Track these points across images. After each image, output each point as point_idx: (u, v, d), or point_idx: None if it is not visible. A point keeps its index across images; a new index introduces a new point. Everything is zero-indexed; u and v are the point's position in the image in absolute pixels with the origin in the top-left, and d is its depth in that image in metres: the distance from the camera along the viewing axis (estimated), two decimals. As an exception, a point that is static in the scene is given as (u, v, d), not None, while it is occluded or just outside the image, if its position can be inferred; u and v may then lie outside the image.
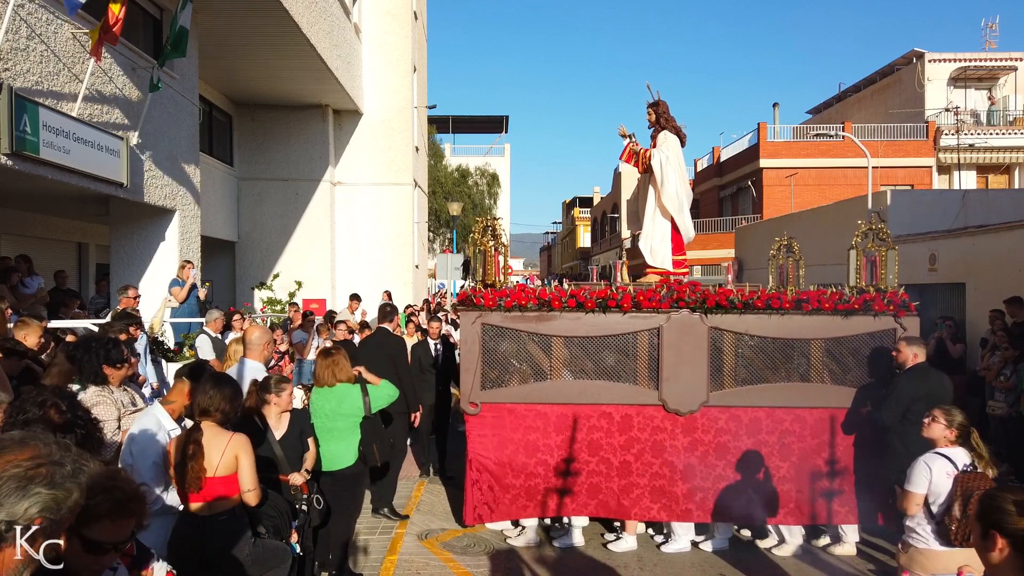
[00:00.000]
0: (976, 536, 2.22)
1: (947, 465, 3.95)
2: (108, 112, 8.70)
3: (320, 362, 5.53)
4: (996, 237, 11.82)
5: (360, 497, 5.71)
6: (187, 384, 4.04)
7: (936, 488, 3.92)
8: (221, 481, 3.75)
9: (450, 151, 48.05)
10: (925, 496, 3.98)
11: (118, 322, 6.48)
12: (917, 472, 4.02)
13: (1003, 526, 2.12)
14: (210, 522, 3.75)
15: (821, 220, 17.63)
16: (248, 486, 3.83)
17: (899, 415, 5.57)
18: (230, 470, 3.78)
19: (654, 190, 7.49)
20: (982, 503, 2.22)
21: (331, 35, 14.58)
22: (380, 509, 6.98)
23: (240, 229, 17.04)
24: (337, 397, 5.35)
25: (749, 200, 30.99)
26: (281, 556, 4.11)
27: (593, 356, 6.37)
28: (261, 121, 17.06)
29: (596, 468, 6.31)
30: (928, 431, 4.18)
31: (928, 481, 3.96)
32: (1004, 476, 8.64)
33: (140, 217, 10.38)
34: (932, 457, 4.04)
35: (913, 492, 4.01)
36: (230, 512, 3.81)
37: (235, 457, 3.79)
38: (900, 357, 5.81)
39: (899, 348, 5.87)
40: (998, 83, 29.58)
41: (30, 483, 1.55)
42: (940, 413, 4.17)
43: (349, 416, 5.30)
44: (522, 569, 6.08)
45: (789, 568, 6.11)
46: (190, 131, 11.13)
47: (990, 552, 2.15)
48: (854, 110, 33.34)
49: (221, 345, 8.27)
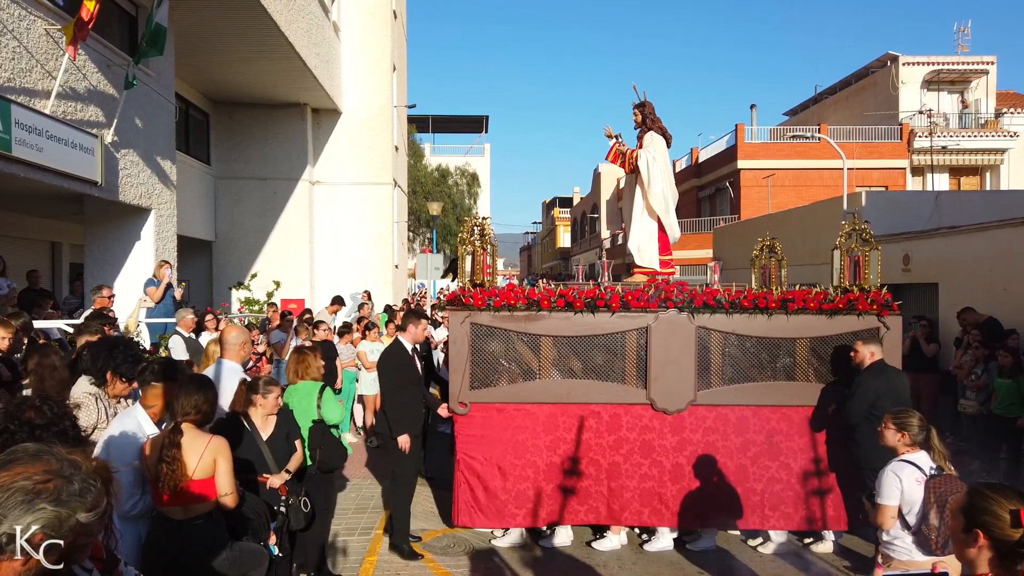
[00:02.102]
0: (957, 526, 2.23)
1: (915, 472, 3.89)
2: (82, 110, 8.57)
3: (290, 359, 5.55)
4: (968, 238, 12.01)
5: (332, 498, 5.68)
6: (160, 387, 3.97)
7: (908, 497, 3.86)
8: (198, 484, 3.70)
9: (430, 151, 47.95)
10: (899, 507, 3.91)
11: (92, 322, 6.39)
12: (887, 483, 3.94)
13: (992, 530, 2.11)
14: (186, 526, 3.71)
15: (797, 221, 17.82)
16: (225, 490, 3.79)
17: (865, 412, 5.68)
18: (207, 473, 3.74)
19: (641, 190, 7.53)
20: (973, 500, 2.19)
21: (310, 33, 14.48)
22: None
23: (217, 228, 16.87)
24: (299, 395, 5.37)
25: (727, 201, 31.23)
26: (258, 559, 4.08)
27: (582, 356, 6.39)
28: (239, 119, 16.91)
29: (585, 470, 6.32)
30: (884, 440, 4.12)
31: (899, 491, 3.89)
32: (975, 473, 8.79)
33: (115, 216, 10.25)
34: (899, 466, 3.97)
35: (886, 505, 3.93)
36: (206, 516, 3.77)
37: (213, 461, 3.75)
38: (857, 357, 5.91)
39: (856, 348, 5.96)
40: (970, 86, 30.06)
41: (36, 497, 1.54)
42: (889, 418, 4.11)
43: (307, 416, 5.28)
44: (502, 569, 6.09)
45: (767, 566, 6.17)
46: (166, 129, 11.00)
47: (969, 547, 2.16)
48: (830, 112, 33.72)
49: (195, 345, 8.19)
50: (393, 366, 6.32)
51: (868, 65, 31.68)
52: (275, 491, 4.61)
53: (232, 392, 4.99)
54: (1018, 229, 10.96)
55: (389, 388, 6.31)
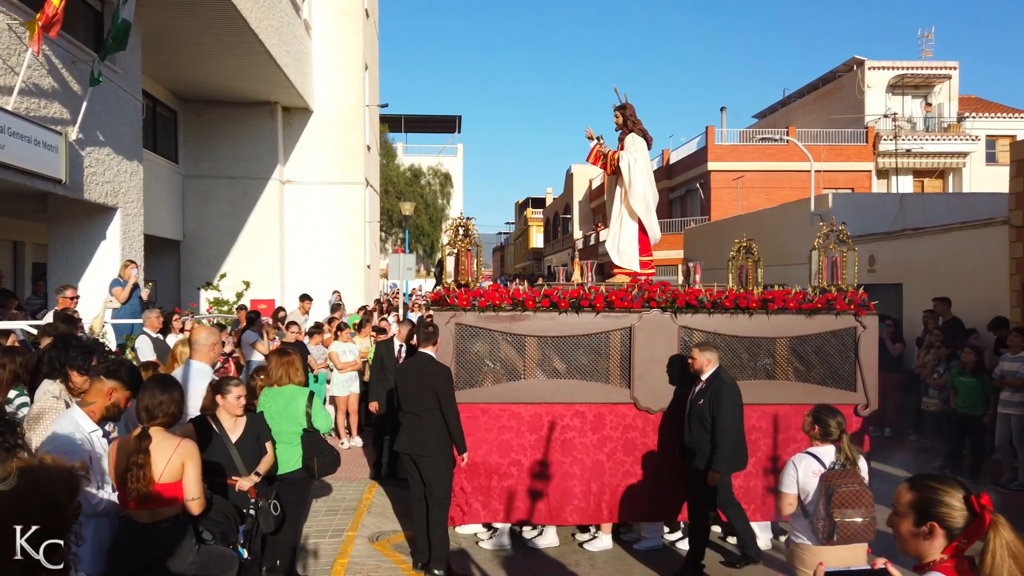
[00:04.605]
0: (908, 522, 2.29)
1: (814, 464, 4.11)
2: (46, 106, 8.40)
3: (274, 359, 5.43)
4: (932, 239, 12.28)
5: (307, 501, 5.63)
6: (106, 383, 3.88)
7: (804, 487, 4.08)
8: (165, 488, 3.66)
9: (402, 150, 47.76)
10: (798, 495, 4.12)
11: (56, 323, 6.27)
12: (786, 473, 4.19)
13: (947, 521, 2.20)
14: (153, 529, 3.66)
15: (767, 222, 18.07)
16: (192, 495, 3.74)
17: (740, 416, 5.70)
18: (175, 477, 3.69)
19: (622, 191, 7.57)
20: (924, 494, 2.26)
21: (280, 31, 14.35)
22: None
23: (186, 228, 16.63)
24: (284, 399, 5.26)
25: (698, 202, 31.56)
26: (227, 562, 4.04)
27: (566, 355, 6.43)
28: (208, 118, 16.68)
29: (570, 470, 6.35)
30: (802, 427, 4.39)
31: (795, 480, 4.12)
32: (939, 470, 8.99)
33: (80, 215, 10.05)
34: (800, 456, 4.21)
35: (784, 492, 4.17)
36: (173, 519, 3.72)
37: (181, 464, 3.70)
38: (696, 364, 5.88)
39: (693, 356, 5.92)
40: (933, 91, 30.71)
41: None
42: (813, 409, 4.32)
43: (293, 421, 5.21)
44: (472, 570, 6.09)
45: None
46: (133, 127, 10.82)
47: (924, 540, 2.23)
48: (798, 115, 34.21)
49: (162, 346, 8.06)
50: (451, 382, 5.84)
51: (835, 69, 32.20)
52: (244, 493, 4.56)
53: (202, 393, 4.93)
54: (979, 231, 11.23)
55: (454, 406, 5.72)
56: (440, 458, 5.73)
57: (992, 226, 10.88)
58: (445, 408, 5.65)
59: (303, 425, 5.21)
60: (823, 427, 4.19)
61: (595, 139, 7.67)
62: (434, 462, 5.71)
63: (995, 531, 2.09)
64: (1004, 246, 10.43)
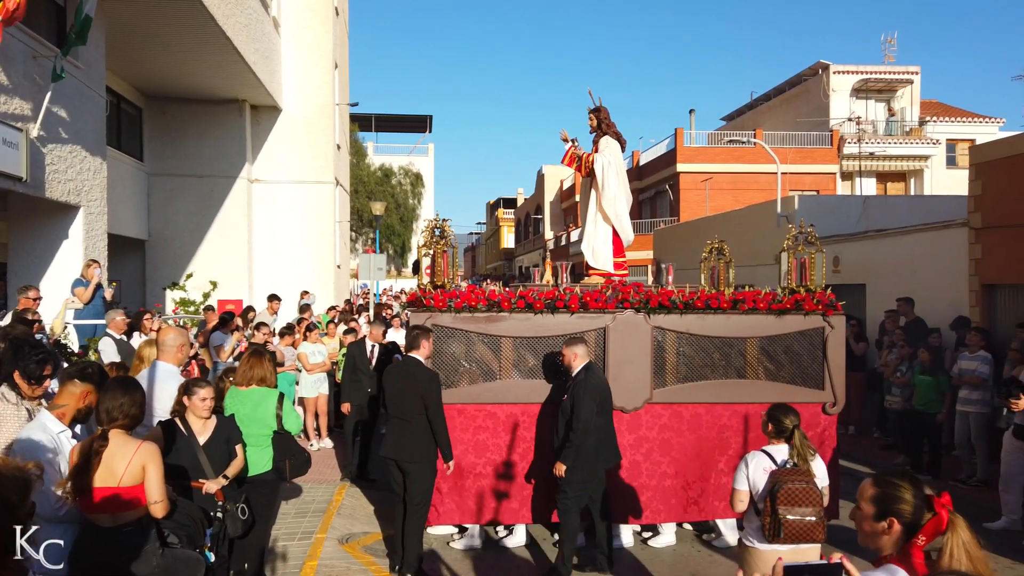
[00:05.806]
0: (868, 517, 2.36)
1: (765, 461, 4.11)
2: (6, 102, 8.20)
3: (243, 360, 5.38)
4: (894, 240, 12.55)
5: (276, 504, 5.58)
6: (78, 386, 3.81)
7: (755, 483, 4.07)
8: (127, 491, 3.59)
9: (373, 150, 47.47)
10: (750, 492, 4.10)
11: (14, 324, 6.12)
12: (738, 468, 4.20)
13: (905, 516, 2.28)
14: (115, 533, 3.60)
15: (734, 223, 18.29)
16: (155, 498, 3.67)
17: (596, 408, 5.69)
18: (136, 480, 3.62)
19: (596, 194, 7.62)
20: (884, 490, 2.34)
21: (248, 28, 14.17)
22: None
23: (151, 227, 16.34)
24: (252, 402, 5.20)
25: (667, 203, 31.85)
26: (193, 566, 3.98)
27: (542, 356, 6.43)
28: (173, 115, 16.40)
29: (546, 468, 6.35)
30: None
31: (746, 477, 4.10)
32: (900, 467, 9.18)
33: (41, 213, 9.83)
34: (753, 454, 4.21)
35: (735, 489, 4.16)
36: (136, 523, 3.66)
37: (142, 467, 3.64)
38: (567, 359, 5.91)
39: (563, 352, 5.96)
40: (896, 95, 31.35)
41: None
42: (769, 408, 4.33)
43: (262, 423, 5.15)
44: (441, 571, 6.08)
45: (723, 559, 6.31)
46: (96, 124, 10.61)
47: (883, 534, 2.31)
48: (765, 118, 34.70)
49: (126, 347, 7.91)
50: (439, 389, 5.81)
51: (801, 73, 32.73)
52: (212, 496, 4.50)
53: (170, 395, 4.86)
54: (940, 232, 11.50)
55: (442, 413, 5.71)
56: (425, 464, 5.73)
57: (952, 228, 11.15)
58: (432, 414, 5.63)
59: (273, 427, 5.16)
60: (777, 425, 4.20)
61: (570, 141, 7.71)
62: (419, 467, 5.70)
63: (952, 531, 2.17)
64: (964, 247, 10.70)
